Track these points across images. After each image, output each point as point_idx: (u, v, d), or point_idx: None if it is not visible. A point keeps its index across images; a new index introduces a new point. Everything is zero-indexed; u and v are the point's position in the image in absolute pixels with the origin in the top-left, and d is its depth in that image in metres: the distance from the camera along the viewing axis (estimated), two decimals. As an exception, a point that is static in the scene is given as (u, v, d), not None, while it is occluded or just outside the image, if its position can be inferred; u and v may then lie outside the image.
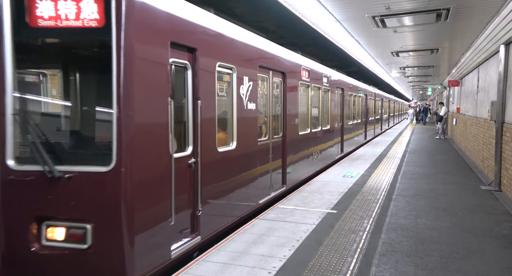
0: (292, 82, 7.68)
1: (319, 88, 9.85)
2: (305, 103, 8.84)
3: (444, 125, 20.08)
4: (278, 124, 7.27)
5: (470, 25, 8.49)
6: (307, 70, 8.66)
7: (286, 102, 7.38)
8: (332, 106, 11.13)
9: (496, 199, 7.04)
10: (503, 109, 7.57)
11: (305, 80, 8.56)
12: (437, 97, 32.33)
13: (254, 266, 4.06)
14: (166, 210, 3.95)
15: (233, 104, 5.42)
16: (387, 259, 4.28)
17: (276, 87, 7.14)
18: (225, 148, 5.20)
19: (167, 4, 3.91)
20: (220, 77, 5.11)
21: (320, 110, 10.03)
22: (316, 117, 9.76)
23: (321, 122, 10.06)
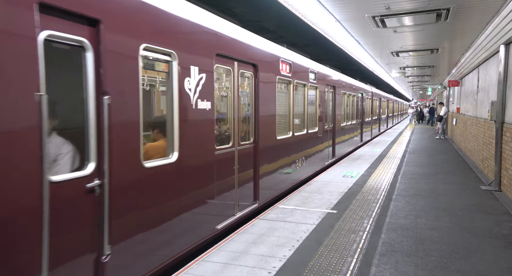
0: (267, 77, 6.49)
1: (304, 86, 8.69)
2: (286, 103, 7.66)
3: (444, 125, 20.08)
4: (248, 128, 6.16)
5: (470, 25, 8.50)
6: (287, 64, 7.41)
7: (259, 102, 6.20)
8: (321, 106, 10.02)
9: (496, 199, 7.04)
10: (503, 109, 7.57)
11: (286, 76, 7.32)
12: (437, 97, 32.32)
13: (254, 266, 4.06)
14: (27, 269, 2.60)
15: (173, 103, 4.09)
16: (387, 259, 4.28)
17: (245, 83, 6.05)
18: (158, 161, 3.88)
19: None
20: (149, 65, 3.95)
21: (306, 111, 8.85)
22: (301, 119, 8.71)
23: (307, 125, 8.91)
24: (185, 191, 4.34)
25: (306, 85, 8.74)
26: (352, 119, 14.75)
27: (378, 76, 22.12)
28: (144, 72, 3.81)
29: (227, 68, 5.41)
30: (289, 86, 7.73)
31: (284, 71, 7.28)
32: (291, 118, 7.82)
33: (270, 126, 6.72)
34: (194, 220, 4.50)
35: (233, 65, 5.53)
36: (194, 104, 4.44)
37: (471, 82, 13.04)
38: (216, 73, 5.03)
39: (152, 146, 4.22)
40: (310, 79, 9.00)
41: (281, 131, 7.36)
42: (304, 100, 8.74)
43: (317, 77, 9.47)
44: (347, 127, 13.73)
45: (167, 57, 4.02)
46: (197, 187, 4.59)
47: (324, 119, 10.41)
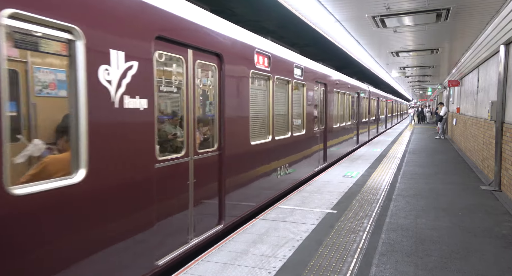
0: (236, 70, 5.42)
1: (288, 83, 7.61)
2: (264, 102, 6.64)
3: (444, 125, 20.08)
4: (210, 133, 5.08)
5: (470, 25, 8.50)
6: (265, 56, 6.35)
7: (225, 100, 5.10)
8: (309, 106, 8.94)
9: (496, 199, 7.04)
10: (503, 109, 7.57)
11: (263, 70, 6.26)
12: (437, 97, 32.33)
13: (254, 266, 4.07)
14: None
15: (77, 100, 2.98)
16: (387, 259, 4.28)
17: (205, 76, 4.98)
18: (47, 184, 2.69)
19: None
20: (32, 43, 2.95)
21: (290, 111, 7.73)
22: (284, 121, 7.61)
23: (291, 127, 7.78)
24: (98, 221, 3.14)
25: (290, 82, 7.63)
26: (347, 120, 13.73)
27: (378, 76, 22.13)
28: (21, 53, 2.91)
29: (176, 57, 4.27)
30: (268, 82, 6.64)
31: (261, 64, 6.19)
32: (270, 120, 6.74)
33: (241, 129, 5.62)
34: (115, 259, 3.34)
35: (186, 54, 4.36)
36: (118, 102, 3.32)
37: (471, 82, 13.04)
38: (160, 63, 4.02)
39: (55, 159, 3.07)
40: (296, 75, 7.92)
41: (258, 136, 6.32)
42: (288, 99, 7.67)
43: (304, 73, 8.42)
44: (341, 129, 12.66)
45: (67, 35, 2.87)
46: (120, 213, 3.38)
47: (313, 121, 9.36)
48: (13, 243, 2.48)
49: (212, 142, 5.06)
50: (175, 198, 4.24)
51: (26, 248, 2.56)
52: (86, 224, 3.02)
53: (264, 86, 6.68)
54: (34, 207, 2.59)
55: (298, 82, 8.13)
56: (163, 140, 4.30)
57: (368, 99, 18.43)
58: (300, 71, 8.22)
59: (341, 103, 12.73)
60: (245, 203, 5.91)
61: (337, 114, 12.14)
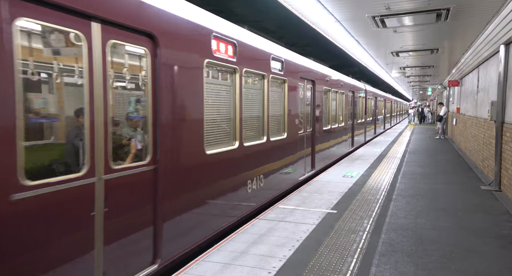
0: (180, 58, 4.19)
1: (263, 77, 6.46)
2: (228, 101, 5.45)
3: (444, 125, 20.09)
4: (142, 140, 3.83)
5: (470, 25, 8.50)
6: (229, 43, 5.20)
7: (162, 97, 3.89)
8: (293, 105, 7.84)
9: (496, 199, 7.04)
10: (503, 109, 7.57)
11: (225, 60, 5.11)
12: (437, 97, 32.33)
13: (254, 266, 4.07)
14: None
15: None
16: (387, 259, 4.28)
17: (128, 63, 3.64)
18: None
19: None
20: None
21: (266, 112, 6.57)
22: (257, 123, 6.46)
23: (267, 130, 6.59)
24: None
25: (265, 77, 6.48)
26: (340, 121, 12.66)
27: (378, 76, 22.13)
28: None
29: (70, 32, 3.01)
30: (233, 76, 5.46)
31: (222, 53, 5.04)
32: (237, 122, 5.54)
33: (189, 136, 4.40)
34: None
35: (89, 29, 3.11)
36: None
37: (471, 82, 13.04)
38: (40, 40, 2.90)
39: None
40: (274, 69, 6.80)
41: (218, 143, 5.16)
42: (264, 98, 6.51)
43: (285, 68, 7.27)
44: (333, 131, 11.54)
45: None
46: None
47: (297, 122, 8.22)
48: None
49: (144, 153, 3.79)
50: (65, 239, 2.91)
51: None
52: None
53: (229, 81, 5.45)
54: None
55: (276, 77, 6.98)
56: (38, 153, 2.97)
57: (364, 98, 17.45)
58: (279, 64, 7.08)
59: (333, 102, 11.67)
60: (197, 230, 4.59)
61: (329, 115, 11.05)
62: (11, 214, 2.50)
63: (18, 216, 2.55)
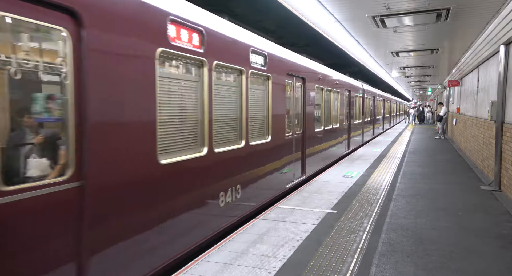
0: (120, 44, 3.38)
1: (240, 73, 5.67)
2: (193, 99, 4.61)
3: (444, 125, 20.10)
4: (52, 149, 2.99)
5: (470, 25, 8.50)
6: (193, 31, 4.38)
7: (90, 93, 3.06)
8: (278, 105, 7.07)
9: (496, 199, 7.04)
10: (503, 109, 7.57)
11: (188, 50, 4.30)
12: (437, 97, 32.34)
13: (254, 266, 4.07)
14: None
15: None
16: (387, 259, 4.28)
17: (32, 47, 2.80)
18: None
19: None
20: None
21: (245, 112, 5.79)
22: (233, 126, 5.62)
23: (245, 134, 5.80)
24: None
25: (243, 73, 5.69)
26: (335, 122, 11.86)
27: (378, 76, 22.14)
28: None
29: None
30: (200, 70, 4.63)
31: (184, 42, 4.24)
32: (205, 125, 4.70)
33: (135, 142, 3.55)
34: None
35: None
36: None
37: (471, 82, 13.05)
38: None
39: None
40: (254, 63, 6.02)
41: (179, 149, 4.32)
42: (241, 96, 5.72)
43: (269, 63, 6.51)
44: (326, 133, 10.76)
45: None
46: None
47: (283, 124, 7.41)
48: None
49: (66, 165, 2.92)
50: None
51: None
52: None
53: (195, 76, 4.63)
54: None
55: (258, 73, 6.19)
56: None
57: (362, 98, 16.78)
58: (261, 59, 6.31)
59: (327, 102, 10.85)
60: (142, 262, 3.70)
61: (322, 116, 10.32)
62: None
63: None
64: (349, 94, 13.88)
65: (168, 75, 4.18)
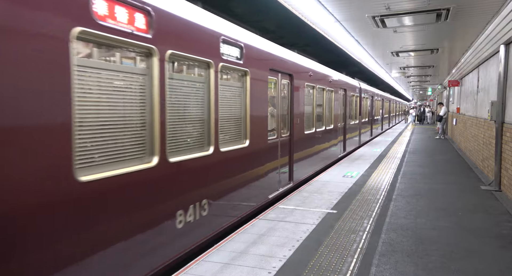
0: (21, 21, 2.51)
1: (207, 66, 4.75)
2: (140, 97, 3.72)
3: (444, 125, 20.11)
4: None
5: (470, 25, 8.50)
6: (136, 10, 3.55)
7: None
8: (258, 104, 6.20)
9: (496, 199, 7.04)
10: (503, 109, 7.57)
11: (128, 34, 3.45)
12: (437, 97, 32.34)
13: (254, 266, 4.07)
14: None
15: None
16: (387, 259, 4.28)
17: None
18: None
19: None
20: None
21: (213, 113, 4.86)
22: (198, 128, 4.68)
23: (214, 139, 4.87)
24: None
25: (211, 66, 4.77)
26: (329, 123, 11.01)
27: (378, 76, 22.14)
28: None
29: None
30: (149, 61, 3.76)
31: (121, 23, 3.35)
32: (155, 129, 3.80)
33: (36, 152, 2.65)
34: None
35: None
36: None
37: (471, 82, 13.05)
38: None
39: None
40: (226, 55, 5.13)
41: (115, 161, 3.38)
42: (208, 94, 4.79)
43: (246, 55, 5.65)
44: (318, 135, 9.92)
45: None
46: None
47: (265, 127, 6.53)
48: None
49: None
50: None
51: None
52: None
53: (140, 67, 3.72)
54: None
55: (231, 67, 5.32)
56: None
57: (359, 97, 15.94)
58: (236, 51, 5.42)
59: (319, 102, 10.04)
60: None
61: (313, 116, 9.48)
62: None
63: None
64: (345, 93, 13.16)
65: (92, 64, 3.20)
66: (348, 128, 13.81)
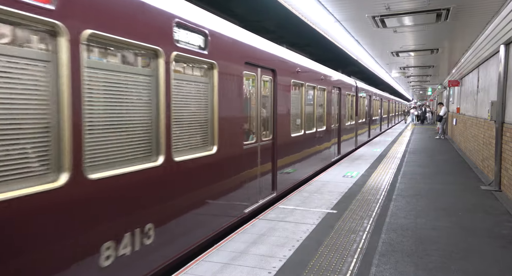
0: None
1: (155, 55, 3.82)
2: (42, 92, 2.71)
3: (444, 125, 20.11)
4: None
5: (470, 25, 8.50)
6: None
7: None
8: (230, 104, 5.22)
9: (496, 199, 7.04)
10: (503, 109, 7.57)
11: (19, 3, 2.44)
12: (437, 97, 32.34)
13: (254, 266, 4.07)
14: None
15: None
16: (387, 259, 4.28)
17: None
18: None
19: None
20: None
21: (163, 114, 3.88)
22: (140, 134, 3.67)
23: (164, 146, 3.88)
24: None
25: (161, 55, 3.80)
26: (320, 125, 10.17)
27: (378, 76, 22.15)
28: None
29: None
30: (53, 41, 2.77)
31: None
32: (65, 132, 2.82)
33: None
34: None
35: None
36: None
37: (471, 82, 13.05)
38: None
39: None
40: (183, 43, 4.16)
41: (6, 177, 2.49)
42: (156, 89, 3.81)
43: (212, 44, 4.66)
44: (308, 138, 9.07)
45: None
46: None
47: (240, 130, 5.59)
48: None
49: None
50: None
51: None
52: None
53: (39, 52, 2.73)
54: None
55: (191, 58, 4.34)
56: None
57: (355, 97, 15.07)
58: (198, 38, 4.43)
59: (309, 101, 9.17)
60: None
61: (302, 117, 8.61)
62: None
63: None
64: (339, 92, 12.28)
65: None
66: (343, 129, 13.01)
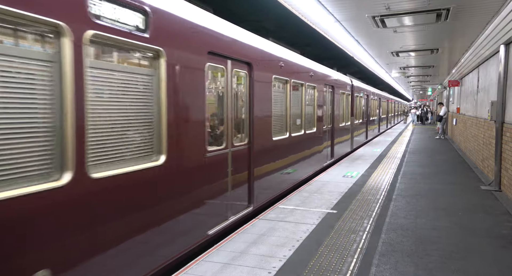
0: None
1: (57, 34, 2.76)
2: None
3: (444, 125, 20.11)
4: None
5: (470, 25, 8.50)
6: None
7: None
8: (184, 102, 4.23)
9: (496, 199, 7.04)
10: (503, 109, 7.57)
11: None
12: (437, 97, 32.34)
13: (254, 266, 4.07)
14: None
15: None
16: (387, 259, 4.28)
17: None
18: None
19: None
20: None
21: (69, 116, 2.82)
22: (34, 142, 2.66)
23: (75, 158, 2.87)
24: None
25: (65, 34, 2.78)
26: (309, 127, 9.22)
27: (378, 76, 22.15)
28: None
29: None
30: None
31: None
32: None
33: None
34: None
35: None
36: None
37: (471, 82, 13.05)
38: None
39: None
40: (106, 20, 3.16)
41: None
42: (61, 82, 2.80)
43: (155, 25, 3.69)
44: (294, 142, 8.08)
45: None
46: None
47: (201, 135, 4.59)
48: None
49: None
50: None
51: None
52: None
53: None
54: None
55: (121, 42, 3.35)
56: None
57: (350, 96, 14.18)
58: (134, 16, 3.45)
59: (296, 100, 8.25)
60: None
61: (286, 118, 7.65)
62: None
63: None
64: (333, 91, 11.39)
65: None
66: (337, 131, 12.12)
